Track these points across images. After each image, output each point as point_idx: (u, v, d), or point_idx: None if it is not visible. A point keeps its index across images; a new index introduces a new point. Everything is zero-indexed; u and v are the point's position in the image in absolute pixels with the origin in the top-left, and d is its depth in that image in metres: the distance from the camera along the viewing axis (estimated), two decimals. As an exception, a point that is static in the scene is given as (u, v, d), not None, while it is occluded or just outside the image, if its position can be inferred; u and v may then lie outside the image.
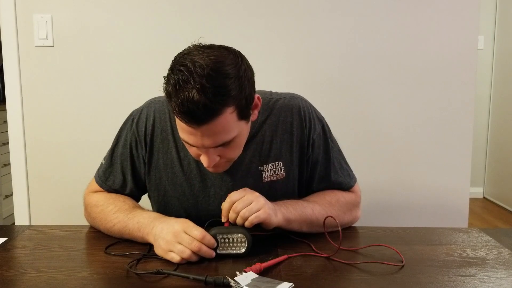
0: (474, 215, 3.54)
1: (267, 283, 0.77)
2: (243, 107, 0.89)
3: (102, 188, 1.10)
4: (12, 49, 1.68)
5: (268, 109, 1.07)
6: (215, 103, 0.83)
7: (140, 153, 1.07)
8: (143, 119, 1.07)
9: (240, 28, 1.68)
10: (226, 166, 1.00)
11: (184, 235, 0.87)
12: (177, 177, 1.07)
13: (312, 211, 1.02)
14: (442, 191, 1.75)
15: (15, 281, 0.81)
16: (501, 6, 3.74)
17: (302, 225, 1.02)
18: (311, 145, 1.09)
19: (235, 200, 0.92)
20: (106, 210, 1.03)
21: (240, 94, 0.87)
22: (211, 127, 0.85)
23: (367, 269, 0.86)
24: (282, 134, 1.07)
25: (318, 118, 1.12)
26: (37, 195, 1.76)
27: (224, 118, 0.86)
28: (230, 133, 0.89)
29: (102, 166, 1.12)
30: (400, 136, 1.73)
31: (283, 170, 1.08)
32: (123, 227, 0.98)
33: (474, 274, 0.84)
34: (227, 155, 0.94)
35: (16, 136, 1.73)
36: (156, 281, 0.80)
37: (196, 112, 0.82)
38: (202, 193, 1.07)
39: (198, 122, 0.84)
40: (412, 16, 1.67)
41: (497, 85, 3.80)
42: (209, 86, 0.81)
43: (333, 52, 1.68)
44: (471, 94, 1.70)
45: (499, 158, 3.78)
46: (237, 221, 0.91)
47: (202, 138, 0.87)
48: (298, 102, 1.10)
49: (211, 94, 0.81)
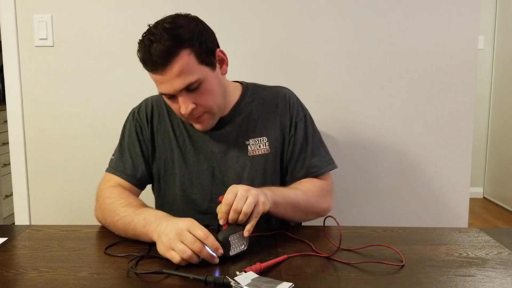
0: (474, 215, 3.54)
1: (267, 283, 0.77)
2: (200, 53, 1.04)
3: (116, 175, 1.17)
4: (12, 49, 1.68)
5: (255, 93, 1.23)
6: (170, 46, 0.99)
7: (145, 136, 1.20)
8: (143, 108, 1.23)
9: (240, 28, 1.68)
10: (209, 121, 1.12)
11: (188, 234, 0.87)
12: (175, 153, 1.19)
13: (295, 195, 1.10)
14: (442, 191, 1.75)
15: (15, 281, 0.81)
16: (501, 6, 3.75)
17: (287, 209, 1.06)
18: (294, 126, 1.21)
19: (231, 201, 0.92)
20: (116, 203, 1.06)
21: (192, 40, 1.02)
22: (174, 68, 1.01)
23: (367, 269, 0.86)
24: (267, 114, 1.21)
25: (301, 107, 1.25)
26: (37, 195, 1.76)
27: (182, 59, 1.01)
28: (193, 74, 1.03)
29: (113, 160, 1.20)
30: (400, 136, 1.73)
31: (268, 145, 1.19)
32: (128, 222, 0.99)
33: (474, 274, 0.84)
34: (201, 101, 1.07)
35: (16, 136, 1.73)
36: (156, 281, 0.81)
37: (157, 57, 1.00)
38: (196, 167, 1.18)
39: (162, 65, 1.01)
40: (412, 16, 1.67)
41: (497, 85, 3.80)
42: (163, 35, 1.00)
43: (332, 52, 1.68)
44: (471, 94, 1.70)
45: (499, 158, 3.78)
46: (240, 218, 0.91)
47: (171, 83, 1.02)
48: (284, 90, 1.26)
49: (165, 41, 0.99)
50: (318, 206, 1.15)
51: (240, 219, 0.91)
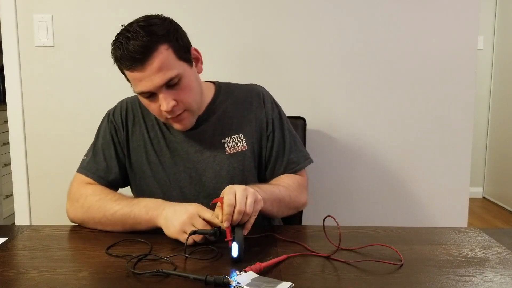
0: (473, 215, 3.54)
1: (267, 282, 0.77)
2: (177, 48, 1.05)
3: (88, 176, 1.16)
4: (12, 49, 1.69)
5: (229, 92, 1.23)
6: (147, 41, 1.00)
7: (120, 139, 1.19)
8: (118, 110, 1.22)
9: (240, 27, 1.68)
10: (189, 119, 1.12)
11: (198, 218, 0.94)
12: (150, 155, 1.18)
13: (279, 191, 1.11)
14: (441, 191, 1.75)
15: (15, 281, 0.81)
16: (501, 6, 3.75)
17: (273, 205, 1.08)
18: (270, 124, 1.21)
19: (233, 202, 0.91)
20: (106, 198, 1.06)
21: (169, 36, 1.03)
22: (153, 63, 1.00)
23: (367, 268, 0.86)
24: (242, 111, 1.21)
25: (275, 103, 1.26)
26: (37, 195, 1.76)
27: (161, 54, 1.01)
28: (173, 69, 1.03)
29: (84, 161, 1.19)
30: (399, 136, 1.73)
31: (244, 142, 1.18)
32: (127, 212, 1.01)
33: (473, 273, 0.85)
34: (181, 98, 1.06)
35: (17, 136, 1.73)
36: (156, 281, 0.81)
37: (136, 53, 0.99)
38: (173, 169, 1.17)
39: (141, 61, 1.00)
40: (412, 16, 1.67)
41: (497, 85, 3.80)
42: (140, 32, 1.00)
43: (332, 52, 1.69)
44: (471, 94, 1.70)
45: (499, 158, 3.78)
46: (243, 219, 0.92)
47: (151, 79, 1.01)
48: (257, 88, 1.26)
49: (142, 37, 1.00)
50: (298, 201, 1.19)
51: (243, 220, 0.92)
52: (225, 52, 1.68)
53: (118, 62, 1.05)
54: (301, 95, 1.69)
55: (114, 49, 1.04)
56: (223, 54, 1.68)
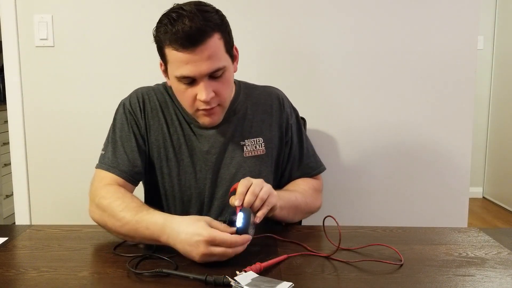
0: (473, 215, 3.54)
1: (267, 282, 0.77)
2: (227, 41, 1.04)
3: (110, 172, 1.08)
4: (12, 50, 1.69)
5: (249, 92, 1.21)
6: (205, 26, 0.97)
7: (140, 129, 1.14)
8: (134, 100, 1.15)
9: (240, 27, 1.68)
10: (219, 115, 1.10)
11: (214, 249, 0.84)
12: (169, 152, 1.14)
13: (295, 198, 1.12)
14: (441, 191, 1.75)
15: (15, 281, 0.81)
16: (501, 6, 3.75)
17: (290, 212, 1.09)
18: (289, 129, 1.21)
19: (249, 184, 0.92)
20: (113, 204, 0.98)
21: (222, 26, 1.02)
22: (205, 48, 0.98)
23: (367, 268, 0.86)
24: (262, 114, 1.19)
25: (293, 107, 1.26)
26: (37, 195, 1.76)
27: (214, 42, 0.99)
28: (221, 60, 1.01)
29: (103, 156, 1.11)
30: (399, 136, 1.73)
31: (263, 146, 1.17)
32: (133, 229, 0.94)
33: (473, 273, 0.85)
34: (220, 91, 1.04)
35: (17, 136, 1.73)
36: (156, 281, 0.81)
37: (191, 34, 0.96)
38: (190, 168, 1.14)
39: (194, 43, 0.96)
40: (412, 16, 1.67)
41: (497, 85, 3.80)
42: (198, 15, 0.97)
43: (332, 52, 1.69)
44: (471, 94, 1.70)
45: (499, 158, 3.78)
46: (256, 204, 0.92)
47: (198, 64, 0.98)
48: (275, 90, 1.25)
49: (200, 20, 0.97)
50: (313, 206, 1.20)
51: (255, 204, 0.92)
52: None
53: (165, 37, 0.99)
54: (301, 95, 1.69)
55: (165, 24, 0.99)
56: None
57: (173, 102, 1.16)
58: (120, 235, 0.98)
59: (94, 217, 1.04)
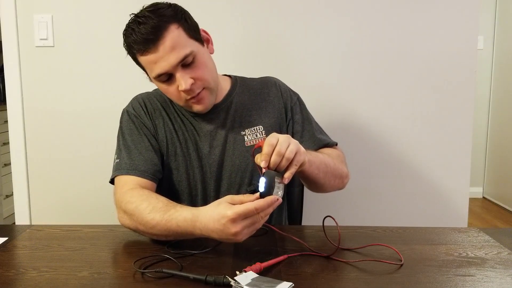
0: (473, 215, 3.54)
1: (267, 282, 0.77)
2: (187, 27, 1.06)
3: (129, 175, 1.08)
4: (12, 49, 1.69)
5: (245, 84, 1.24)
6: (157, 22, 1.01)
7: (150, 130, 1.16)
8: (136, 105, 1.19)
9: (239, 27, 1.68)
10: (209, 98, 1.11)
11: (245, 222, 0.83)
12: (176, 148, 1.17)
13: (323, 156, 1.10)
14: (441, 191, 1.75)
15: (15, 281, 0.81)
16: (501, 6, 3.75)
17: (320, 168, 1.06)
18: (290, 111, 1.22)
19: (274, 143, 0.89)
20: (140, 208, 0.97)
21: (177, 15, 1.05)
22: (166, 42, 1.01)
23: (367, 268, 0.86)
24: (260, 103, 1.21)
25: (292, 91, 1.27)
26: (37, 195, 1.76)
27: (172, 32, 1.02)
28: (186, 47, 1.04)
29: (120, 163, 1.11)
30: (399, 136, 1.73)
31: (264, 134, 1.18)
32: (165, 229, 0.93)
33: (473, 273, 0.85)
34: (198, 75, 1.06)
35: (17, 136, 1.73)
36: (156, 280, 0.81)
37: (148, 34, 1.01)
38: (196, 162, 1.16)
39: (153, 41, 1.01)
40: (412, 16, 1.67)
41: (497, 85, 3.80)
42: (149, 15, 1.02)
43: (332, 52, 1.69)
44: (471, 94, 1.70)
45: (499, 158, 3.78)
46: (282, 164, 0.89)
47: (165, 58, 1.02)
48: (272, 79, 1.28)
49: (152, 19, 1.01)
50: (342, 170, 1.17)
51: (282, 165, 0.89)
52: (222, 49, 1.67)
53: (131, 49, 1.06)
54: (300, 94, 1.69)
55: (126, 36, 1.05)
56: (221, 51, 1.67)
57: (172, 102, 1.20)
58: (154, 236, 0.97)
59: (125, 223, 1.02)
